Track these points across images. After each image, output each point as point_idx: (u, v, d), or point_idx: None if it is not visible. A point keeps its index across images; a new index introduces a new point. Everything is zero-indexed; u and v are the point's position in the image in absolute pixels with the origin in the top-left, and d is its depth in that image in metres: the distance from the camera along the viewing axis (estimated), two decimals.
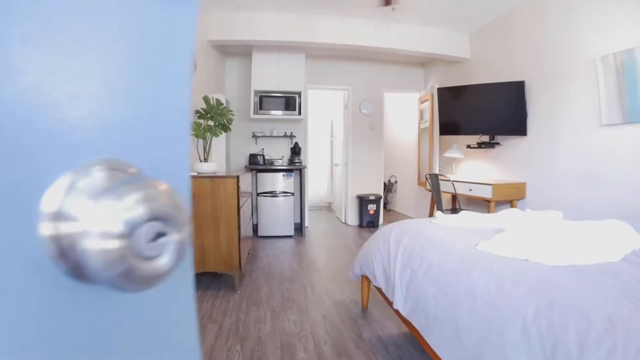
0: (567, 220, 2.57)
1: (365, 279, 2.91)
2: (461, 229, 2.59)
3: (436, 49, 5.30)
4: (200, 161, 3.48)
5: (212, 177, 3.09)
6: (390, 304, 2.33)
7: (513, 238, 2.12)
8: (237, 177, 3.12)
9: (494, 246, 1.99)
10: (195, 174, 3.15)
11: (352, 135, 6.49)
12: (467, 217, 2.85)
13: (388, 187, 8.08)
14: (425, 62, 6.73)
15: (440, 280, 1.87)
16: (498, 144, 4.83)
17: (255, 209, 5.61)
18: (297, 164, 5.73)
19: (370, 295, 2.97)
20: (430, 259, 2.04)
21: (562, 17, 3.86)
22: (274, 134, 5.95)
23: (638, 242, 2.09)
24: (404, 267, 2.21)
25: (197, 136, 3.39)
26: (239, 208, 3.15)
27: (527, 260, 1.79)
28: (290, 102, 5.46)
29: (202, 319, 2.73)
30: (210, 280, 3.52)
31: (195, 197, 3.07)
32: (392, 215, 7.61)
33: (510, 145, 4.70)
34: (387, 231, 2.70)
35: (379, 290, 2.56)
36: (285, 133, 6.01)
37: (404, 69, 6.75)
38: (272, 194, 5.40)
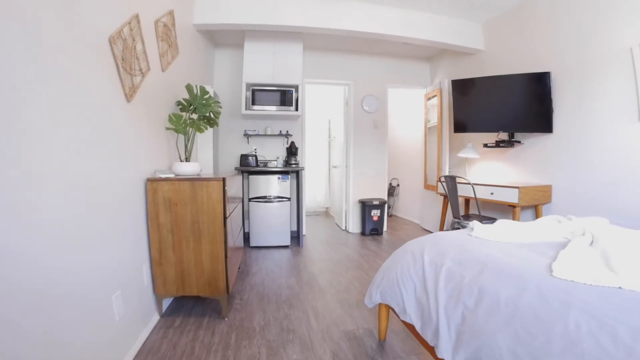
0: (624, 229, 2.05)
1: (383, 306, 2.33)
2: (510, 244, 2.02)
3: (447, 39, 4.75)
4: (181, 161, 2.87)
5: (193, 180, 2.49)
6: (427, 345, 1.75)
7: (587, 257, 1.60)
8: (224, 179, 2.52)
9: (573, 270, 1.45)
10: (172, 175, 2.55)
11: (354, 135, 5.92)
12: (508, 228, 2.29)
13: (390, 191, 7.51)
14: (431, 56, 6.19)
15: (516, 326, 1.29)
16: (519, 142, 4.28)
17: (247, 215, 4.99)
18: (294, 166, 5.13)
19: (389, 321, 2.40)
20: (494, 293, 1.47)
21: (592, 1, 3.35)
22: (268, 133, 5.35)
23: None
24: (453, 302, 1.63)
25: (177, 131, 2.80)
26: (225, 218, 2.55)
27: (620, 287, 1.30)
28: (286, 96, 4.87)
29: None
30: (193, 303, 2.92)
31: (172, 204, 2.47)
32: (396, 221, 7.03)
33: (532, 143, 4.16)
34: (416, 250, 2.12)
35: (410, 326, 1.98)
36: (281, 131, 5.42)
37: (409, 63, 6.21)
38: (266, 199, 4.80)
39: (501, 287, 1.46)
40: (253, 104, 4.78)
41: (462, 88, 4.71)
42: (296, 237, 5.24)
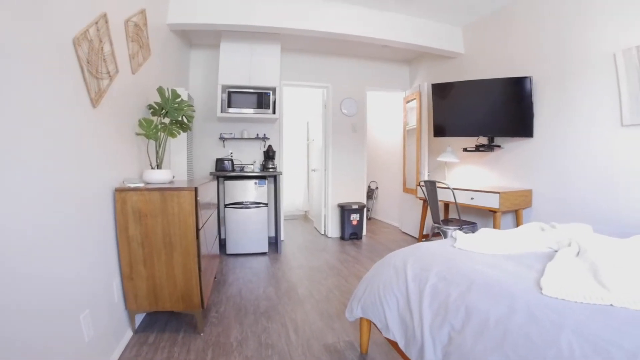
0: (610, 238, 2.02)
1: (365, 319, 2.24)
2: (496, 256, 1.97)
3: (427, 42, 4.72)
4: (152, 168, 2.72)
5: (163, 190, 2.35)
6: None
7: (576, 271, 1.56)
8: (195, 188, 2.39)
9: (563, 287, 1.40)
10: (141, 185, 2.40)
11: (332, 138, 5.84)
12: (492, 238, 2.24)
13: (369, 194, 7.47)
14: (411, 59, 6.17)
15: (507, 350, 1.22)
16: (499, 146, 4.28)
17: (223, 222, 4.85)
18: (271, 170, 5.01)
19: (370, 334, 2.33)
20: (483, 313, 1.40)
21: (575, 7, 3.37)
22: (245, 136, 5.21)
23: None
24: (439, 322, 1.55)
25: (147, 136, 2.65)
26: (198, 230, 2.42)
27: (611, 305, 1.25)
28: (263, 99, 4.74)
29: None
30: (167, 318, 2.77)
31: (142, 216, 2.32)
32: (375, 224, 6.99)
33: (512, 148, 4.16)
34: (399, 263, 2.04)
35: (393, 343, 1.89)
36: (258, 135, 5.29)
37: (388, 66, 6.18)
38: (243, 205, 4.66)
39: (490, 307, 1.39)
40: (229, 106, 4.64)
41: (441, 92, 4.69)
42: (274, 243, 5.12)
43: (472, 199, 3.95)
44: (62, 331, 1.65)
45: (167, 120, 2.83)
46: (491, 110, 4.19)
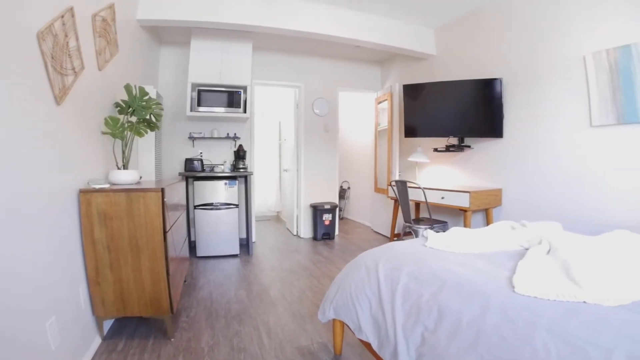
0: (579, 235, 2.08)
1: (338, 320, 2.22)
2: (467, 255, 1.99)
3: (400, 43, 4.76)
4: (118, 168, 2.62)
5: (129, 191, 2.26)
6: None
7: (547, 268, 1.59)
8: (162, 189, 2.31)
9: (535, 285, 1.42)
10: (106, 186, 2.30)
11: (305, 138, 5.81)
12: (463, 237, 2.27)
13: (341, 194, 7.48)
14: (382, 60, 6.22)
15: (482, 350, 1.23)
16: (469, 147, 4.37)
17: (192, 223, 4.74)
18: (242, 170, 4.93)
19: (344, 335, 2.31)
20: (455, 313, 1.41)
21: (546, 10, 3.46)
22: (215, 135, 5.11)
23: None
24: (411, 322, 1.55)
25: (114, 135, 2.55)
26: (165, 232, 2.34)
27: (584, 302, 1.27)
28: (234, 97, 4.66)
29: None
30: (136, 324, 2.67)
31: (107, 218, 2.23)
32: (348, 224, 7.01)
33: (482, 148, 4.25)
34: (370, 263, 2.04)
35: (366, 344, 1.88)
36: (228, 134, 5.20)
37: (360, 67, 6.21)
38: (213, 206, 4.57)
39: (462, 307, 1.40)
40: (199, 105, 4.54)
41: (413, 92, 4.74)
42: (245, 245, 5.05)
43: (442, 198, 4.00)
44: (27, 340, 1.56)
45: (134, 119, 2.73)
46: (462, 111, 4.26)
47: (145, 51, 4.18)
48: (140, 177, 2.93)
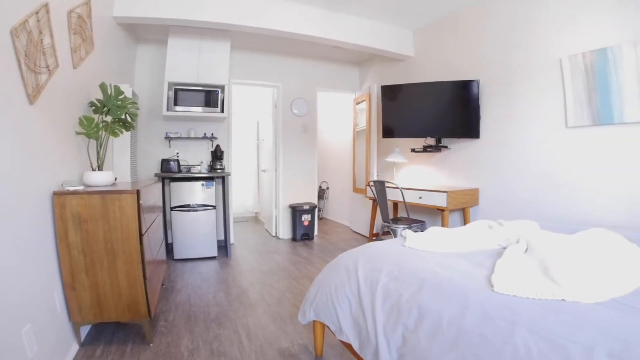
0: (555, 234, 2.15)
1: (318, 322, 2.22)
2: (446, 255, 2.02)
3: (379, 44, 4.79)
4: (92, 169, 2.55)
5: (103, 193, 2.20)
6: None
7: (525, 267, 1.63)
8: (138, 191, 2.26)
9: (514, 283, 1.46)
10: (80, 188, 2.23)
11: (283, 138, 5.78)
12: (441, 236, 2.30)
13: (320, 194, 7.48)
14: (361, 61, 6.25)
15: (462, 349, 1.25)
16: (446, 147, 4.44)
17: (169, 225, 4.65)
18: (219, 171, 4.87)
19: (325, 336, 2.31)
20: (435, 313, 1.42)
21: (523, 14, 3.54)
22: (192, 135, 5.02)
23: None
24: (392, 323, 1.56)
25: (88, 135, 2.48)
26: (141, 235, 2.29)
27: (563, 300, 1.31)
28: (211, 97, 4.60)
29: None
30: (114, 329, 2.59)
31: (82, 221, 2.16)
32: (327, 224, 7.01)
33: (459, 148, 4.32)
34: (350, 264, 2.04)
35: (347, 345, 1.89)
36: (205, 134, 5.12)
37: (339, 67, 6.22)
38: (190, 207, 4.49)
39: (442, 306, 1.42)
40: (175, 104, 4.46)
41: (391, 94, 4.77)
42: (224, 246, 4.98)
43: (420, 198, 4.05)
44: (3, 349, 1.51)
45: (109, 119, 2.66)
46: (439, 112, 4.32)
47: (122, 49, 4.08)
48: (116, 179, 2.87)
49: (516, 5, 3.60)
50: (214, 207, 4.61)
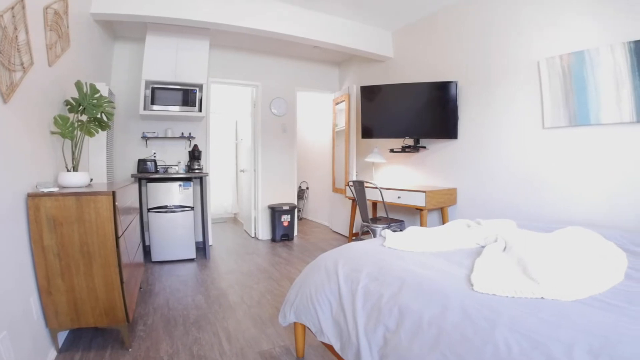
0: (532, 232, 2.21)
1: (299, 323, 2.22)
2: (425, 254, 2.05)
3: (359, 45, 4.82)
4: (67, 170, 2.48)
5: (78, 195, 2.14)
6: None
7: (504, 266, 1.66)
8: (113, 192, 2.20)
9: (493, 282, 1.48)
10: (55, 189, 2.17)
11: (262, 138, 5.75)
12: (420, 236, 2.33)
13: (299, 194, 7.47)
14: (340, 61, 6.28)
15: (443, 349, 1.26)
16: (424, 147, 4.49)
17: (146, 227, 4.56)
18: (197, 171, 4.81)
19: (306, 337, 2.31)
20: (416, 313, 1.44)
21: (501, 16, 3.61)
22: (169, 135, 4.94)
23: (622, 254, 1.86)
24: (373, 323, 1.58)
25: (63, 135, 2.41)
26: (117, 238, 2.24)
27: (542, 298, 1.34)
28: (189, 96, 4.53)
29: None
30: (92, 335, 2.52)
31: (57, 224, 2.10)
32: (306, 224, 7.01)
33: (438, 149, 4.39)
34: (330, 265, 2.05)
35: (329, 346, 1.89)
36: (183, 134, 5.05)
37: (319, 67, 6.23)
38: (167, 208, 4.42)
39: (422, 306, 1.43)
40: (153, 103, 4.37)
41: (370, 94, 4.81)
42: (202, 248, 4.92)
43: (399, 197, 4.09)
44: None
45: (84, 118, 2.59)
46: (418, 112, 4.37)
47: (98, 47, 3.98)
48: (91, 180, 2.80)
49: (494, 8, 3.67)
50: (192, 208, 4.55)
